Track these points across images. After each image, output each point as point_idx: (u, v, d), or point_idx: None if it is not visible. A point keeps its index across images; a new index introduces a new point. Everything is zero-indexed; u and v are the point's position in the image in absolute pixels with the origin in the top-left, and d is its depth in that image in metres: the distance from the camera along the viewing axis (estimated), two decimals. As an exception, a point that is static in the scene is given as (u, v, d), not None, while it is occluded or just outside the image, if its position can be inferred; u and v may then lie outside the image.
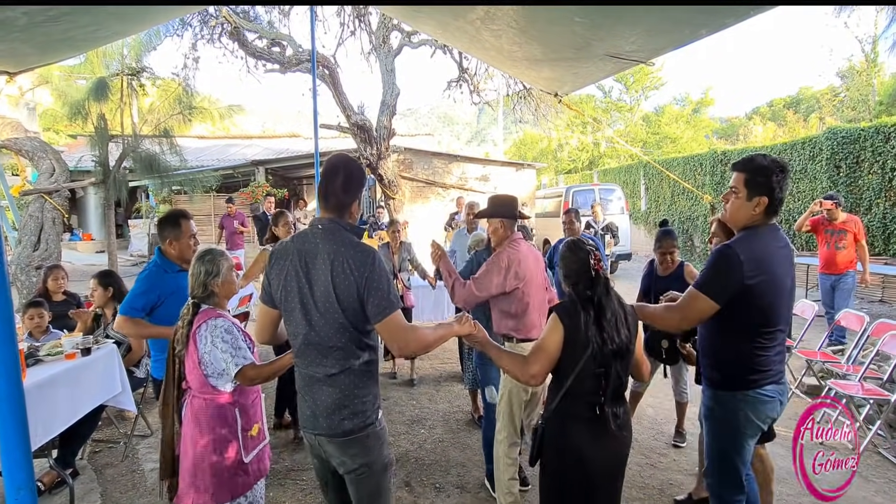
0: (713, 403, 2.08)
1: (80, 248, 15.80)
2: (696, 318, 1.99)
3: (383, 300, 1.68)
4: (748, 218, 1.97)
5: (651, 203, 16.74)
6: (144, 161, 7.47)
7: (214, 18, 8.31)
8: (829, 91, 23.65)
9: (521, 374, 1.85)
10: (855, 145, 9.49)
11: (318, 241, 1.74)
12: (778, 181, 1.92)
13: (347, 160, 1.85)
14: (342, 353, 1.74)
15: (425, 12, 4.38)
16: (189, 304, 2.12)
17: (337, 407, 1.75)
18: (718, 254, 1.95)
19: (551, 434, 1.84)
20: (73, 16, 3.22)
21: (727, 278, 1.89)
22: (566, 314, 1.82)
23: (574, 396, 1.80)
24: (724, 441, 2.05)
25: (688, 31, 3.28)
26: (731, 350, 2.01)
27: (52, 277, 4.26)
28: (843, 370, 3.96)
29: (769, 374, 1.97)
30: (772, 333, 1.96)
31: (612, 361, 1.78)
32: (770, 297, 1.91)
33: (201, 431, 2.05)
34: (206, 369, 2.04)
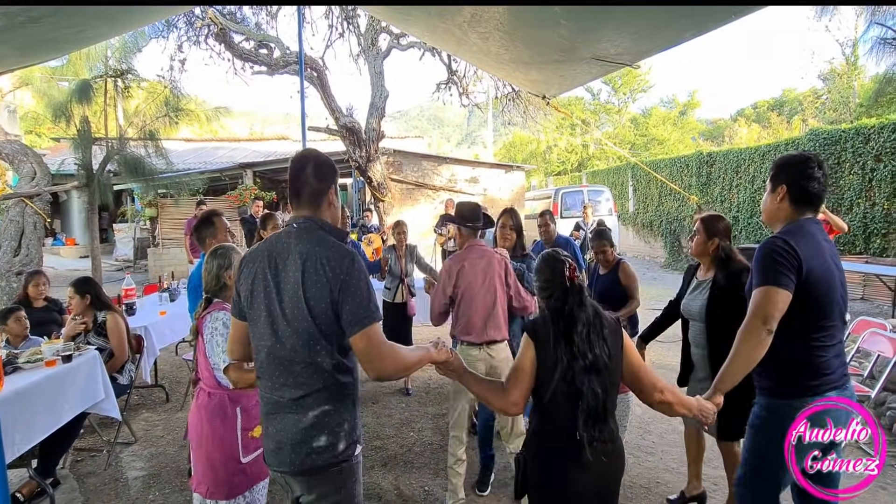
0: (766, 413, 1.88)
1: (63, 252, 15.54)
2: (776, 314, 1.74)
3: (361, 308, 1.46)
4: (775, 209, 1.90)
5: (639, 204, 16.89)
6: (130, 164, 7.36)
7: (200, 20, 8.24)
8: (812, 93, 24.09)
9: (501, 404, 1.68)
10: (836, 146, 9.66)
11: (292, 240, 1.53)
12: (800, 170, 1.85)
13: (314, 151, 1.67)
14: (311, 371, 1.50)
15: (413, 15, 4.38)
16: (203, 300, 2.19)
17: (304, 438, 1.50)
18: (768, 244, 1.81)
19: (531, 465, 1.69)
20: (55, 17, 3.17)
21: (785, 262, 1.74)
22: (534, 330, 1.70)
23: (551, 421, 1.66)
24: (771, 455, 1.83)
25: (671, 34, 3.32)
26: (787, 350, 1.79)
27: (34, 283, 4.17)
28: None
29: (831, 378, 1.78)
30: (829, 329, 1.79)
31: (584, 378, 1.59)
32: (825, 284, 1.76)
33: (202, 424, 2.10)
34: (210, 360, 2.10)
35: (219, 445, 2.06)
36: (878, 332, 3.64)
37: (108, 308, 3.67)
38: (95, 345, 3.52)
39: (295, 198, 1.60)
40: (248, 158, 14.73)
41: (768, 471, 1.86)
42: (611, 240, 3.62)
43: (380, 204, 9.21)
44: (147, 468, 3.51)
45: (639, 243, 17.04)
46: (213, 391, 2.12)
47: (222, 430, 2.07)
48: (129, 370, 3.81)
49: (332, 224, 1.61)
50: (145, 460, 3.63)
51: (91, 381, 3.32)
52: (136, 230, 14.52)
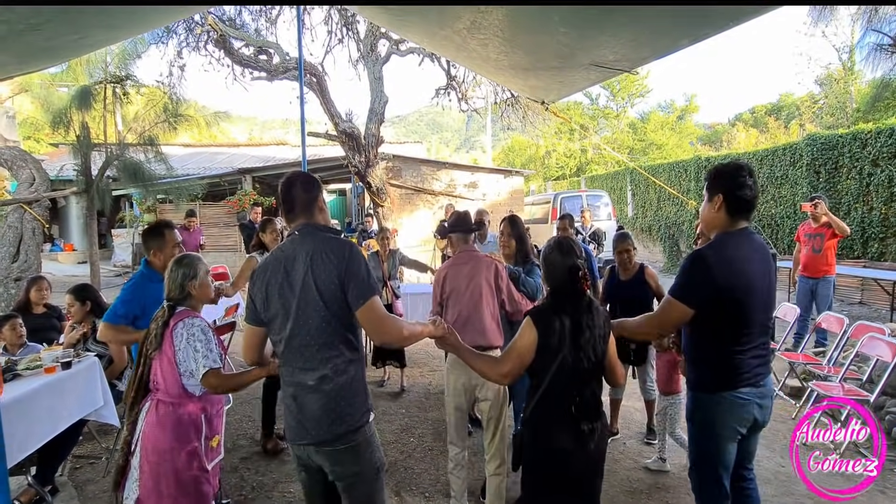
0: (693, 405, 2.12)
1: (61, 258, 15.51)
2: (671, 324, 2.06)
3: (362, 285, 1.70)
4: (712, 219, 2.05)
5: (638, 209, 16.93)
6: (129, 169, 7.37)
7: (200, 26, 8.26)
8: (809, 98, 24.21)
9: (493, 373, 1.88)
10: (833, 151, 9.70)
11: (297, 245, 1.77)
12: (733, 179, 1.97)
13: (299, 172, 1.96)
14: (326, 351, 1.72)
15: (412, 21, 4.40)
16: (164, 306, 2.15)
17: (324, 414, 1.72)
18: (689, 258, 2.00)
19: (529, 439, 1.86)
20: (55, 24, 3.17)
21: (698, 282, 1.94)
22: (541, 318, 1.82)
23: (549, 402, 1.82)
24: (704, 443, 2.08)
25: (668, 41, 3.34)
26: (706, 351, 2.04)
27: (36, 288, 4.16)
28: (825, 372, 4.02)
29: (745, 377, 1.99)
30: (746, 335, 1.97)
31: (586, 379, 1.80)
32: (742, 298, 1.93)
33: (165, 436, 2.04)
34: (179, 366, 2.06)
35: (185, 456, 2.03)
36: (876, 337, 3.64)
37: (106, 314, 3.65)
38: (95, 351, 3.51)
39: (290, 212, 1.84)
40: (247, 164, 14.74)
41: (706, 456, 2.08)
42: (632, 241, 3.65)
43: (379, 209, 9.22)
44: (146, 475, 3.49)
45: (638, 248, 17.05)
46: (176, 400, 2.07)
47: (188, 439, 2.06)
48: (129, 376, 3.79)
49: (325, 225, 1.86)
50: (144, 467, 3.61)
51: (90, 387, 3.31)
52: (134, 235, 14.49)
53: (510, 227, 3.23)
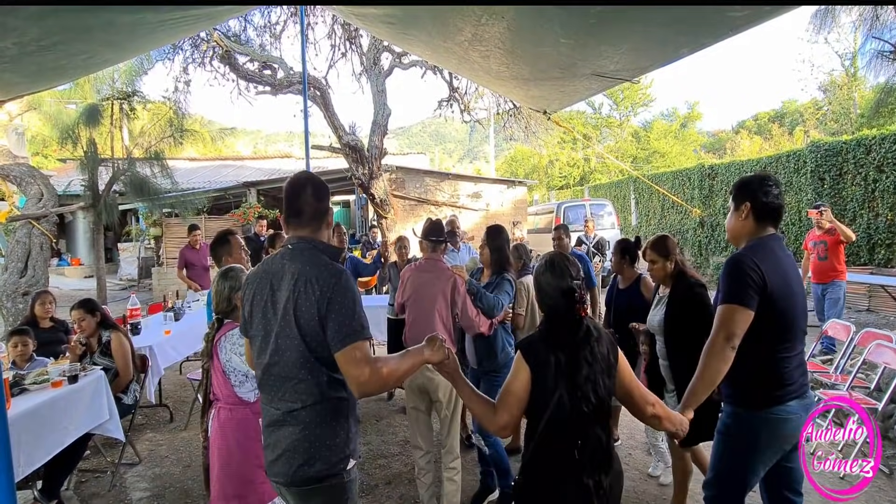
0: (731, 421, 1.97)
1: (68, 273, 15.63)
2: (739, 332, 1.83)
3: (344, 326, 1.47)
4: (741, 227, 2.00)
5: (642, 217, 16.91)
6: (135, 184, 7.45)
7: (205, 42, 8.40)
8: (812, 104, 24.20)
9: (490, 425, 1.60)
10: (837, 158, 9.67)
11: (286, 261, 1.58)
12: (760, 188, 1.95)
13: (310, 173, 1.75)
14: (304, 387, 1.54)
15: (414, 35, 4.45)
16: (214, 321, 2.29)
17: (296, 450, 1.54)
18: (733, 261, 1.89)
19: (527, 489, 1.61)
20: (65, 45, 3.24)
21: (750, 281, 1.82)
22: (531, 351, 1.59)
23: (548, 448, 1.58)
24: (737, 461, 1.93)
25: (669, 50, 3.37)
26: (752, 363, 1.87)
27: (40, 303, 4.20)
28: (832, 380, 3.98)
29: (791, 389, 1.86)
30: (791, 342, 1.89)
31: (587, 422, 1.54)
32: (787, 299, 1.86)
33: (227, 440, 2.19)
34: (231, 377, 2.20)
35: (246, 457, 2.16)
36: (883, 344, 3.60)
37: (112, 328, 3.68)
38: (101, 365, 3.53)
39: (295, 217, 1.63)
40: (251, 177, 14.87)
41: (734, 474, 1.94)
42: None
43: (382, 221, 9.26)
44: (151, 489, 3.49)
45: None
46: (234, 407, 2.21)
47: (248, 442, 2.18)
48: (134, 390, 3.81)
49: (326, 243, 1.65)
50: (149, 481, 3.60)
51: (96, 401, 3.32)
52: (140, 249, 14.61)
53: (487, 238, 3.23)
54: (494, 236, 3.19)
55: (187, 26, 4.00)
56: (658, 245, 2.74)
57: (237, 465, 2.17)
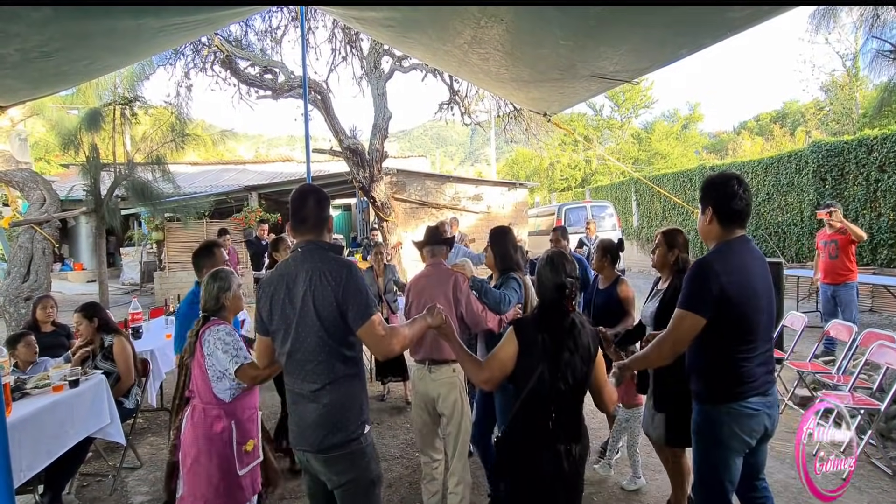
0: (699, 418, 2.07)
1: (70, 277, 15.66)
2: (687, 338, 1.97)
3: (361, 306, 1.76)
4: (707, 230, 2.05)
5: (643, 219, 16.89)
6: (137, 189, 7.47)
7: (207, 47, 8.43)
8: (814, 105, 24.17)
9: (475, 377, 1.91)
10: (839, 158, 9.65)
11: (298, 263, 1.84)
12: (723, 189, 1.97)
13: (314, 186, 2.02)
14: (323, 368, 1.79)
15: (414, 38, 4.46)
16: (200, 318, 2.31)
17: (320, 423, 1.80)
18: (693, 269, 1.99)
19: (507, 446, 1.87)
20: (66, 51, 3.25)
21: (707, 289, 1.90)
22: (522, 329, 1.83)
23: (527, 414, 1.82)
24: (710, 456, 2.02)
25: (668, 51, 3.37)
26: (712, 362, 2.01)
27: (41, 307, 4.21)
28: (834, 381, 3.96)
29: (753, 386, 1.95)
30: (752, 343, 1.96)
31: (563, 397, 1.79)
32: (747, 305, 1.93)
33: (198, 441, 2.18)
34: (209, 371, 2.21)
35: (216, 460, 2.16)
36: (886, 345, 3.58)
37: (114, 332, 3.69)
38: (103, 369, 3.53)
39: (301, 224, 1.89)
40: (253, 181, 14.91)
41: (712, 472, 2.02)
42: None
43: (383, 223, 9.26)
44: (152, 492, 3.49)
45: (643, 258, 16.95)
46: (208, 405, 2.21)
47: (219, 444, 2.18)
48: (135, 394, 3.81)
49: (331, 242, 1.94)
50: (150, 485, 3.60)
51: (97, 405, 3.32)
52: (142, 254, 14.64)
53: (490, 240, 3.21)
54: (497, 239, 3.15)
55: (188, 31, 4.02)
56: (669, 234, 2.83)
57: (207, 468, 2.16)
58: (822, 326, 5.49)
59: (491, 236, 3.20)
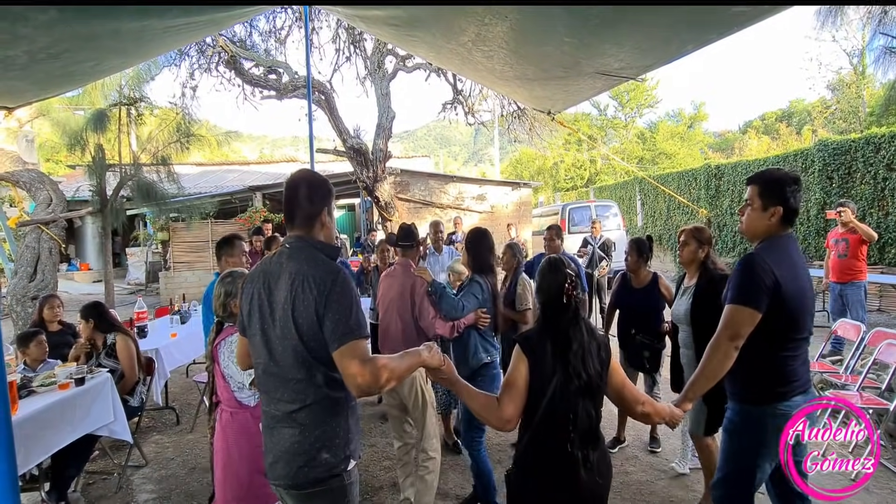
0: (738, 418, 1.99)
1: (77, 277, 15.75)
2: (744, 332, 1.86)
3: (341, 324, 1.45)
4: (765, 228, 1.99)
5: (647, 218, 16.82)
6: (142, 189, 7.51)
7: (211, 48, 8.46)
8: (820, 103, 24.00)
9: (495, 420, 1.62)
10: (846, 156, 9.57)
11: (284, 260, 1.58)
12: (792, 192, 1.95)
13: (308, 173, 1.73)
14: (303, 386, 1.52)
15: (418, 36, 4.45)
16: (215, 324, 2.31)
17: (297, 451, 1.53)
18: (745, 262, 1.91)
19: (520, 480, 1.68)
20: (72, 52, 3.27)
21: (762, 283, 1.83)
22: (529, 344, 1.67)
23: (542, 437, 1.63)
24: (745, 458, 1.94)
25: (673, 47, 3.34)
26: (759, 360, 1.91)
27: (48, 307, 4.23)
28: (842, 380, 3.92)
29: (797, 385, 1.90)
30: (799, 341, 1.91)
31: (578, 399, 1.60)
32: (798, 301, 1.88)
33: (227, 442, 2.20)
34: (229, 382, 2.21)
35: (245, 461, 2.17)
36: (894, 344, 3.55)
37: (117, 330, 3.70)
38: (107, 366, 3.54)
39: (289, 217, 1.64)
40: (257, 181, 14.93)
41: (742, 472, 1.95)
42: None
43: (387, 223, 9.26)
44: (157, 490, 3.50)
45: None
46: (235, 410, 2.22)
47: (248, 446, 2.18)
48: (140, 392, 3.82)
49: (324, 241, 1.64)
50: (156, 483, 3.61)
51: (102, 403, 3.33)
52: (148, 254, 14.71)
53: (466, 241, 3.21)
54: (474, 241, 3.12)
55: (192, 32, 4.04)
56: (698, 231, 2.88)
57: (236, 468, 2.18)
58: (830, 326, 5.45)
59: (468, 238, 3.19)
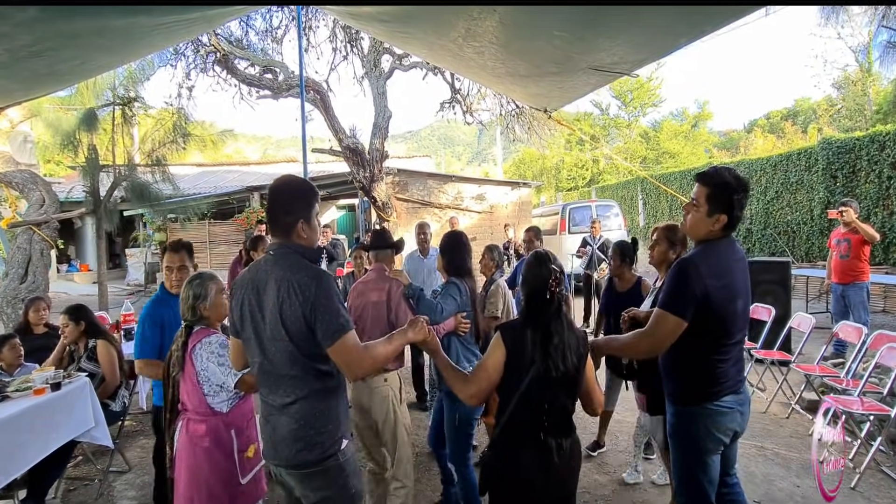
0: (675, 419, 2.05)
1: (77, 278, 15.75)
2: (667, 338, 1.91)
3: (332, 323, 1.61)
4: (706, 232, 1.97)
5: (649, 218, 16.68)
6: (136, 190, 7.45)
7: (204, 47, 8.40)
8: (826, 102, 23.78)
9: (460, 393, 1.76)
10: (850, 155, 9.43)
11: (269, 267, 1.70)
12: (738, 199, 1.91)
13: (289, 179, 1.82)
14: (295, 382, 1.68)
15: (410, 33, 4.38)
16: (182, 328, 2.17)
17: (294, 438, 1.69)
18: (677, 269, 1.92)
19: (496, 462, 1.76)
20: (56, 50, 3.19)
21: (689, 291, 1.86)
22: (510, 333, 1.74)
23: (517, 422, 1.72)
24: (688, 457, 2.01)
25: (666, 41, 3.25)
26: (689, 363, 1.98)
27: (34, 309, 4.17)
28: (843, 385, 3.78)
29: (727, 385, 1.95)
30: (728, 345, 1.95)
31: (556, 390, 1.70)
32: (729, 307, 1.90)
33: (196, 454, 2.07)
34: (203, 387, 2.09)
35: (217, 471, 2.06)
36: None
37: (100, 334, 3.63)
38: (87, 370, 3.47)
39: (272, 224, 1.76)
40: (257, 182, 14.89)
41: (691, 473, 2.00)
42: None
43: (385, 223, 9.18)
44: (139, 497, 3.42)
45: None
46: (206, 418, 2.10)
47: (219, 455, 2.08)
48: (123, 397, 3.75)
49: (305, 246, 1.74)
50: (138, 489, 3.53)
51: (81, 408, 3.24)
52: (147, 255, 14.69)
53: (441, 244, 3.11)
54: (448, 245, 3.02)
55: (183, 30, 3.95)
56: (669, 230, 2.76)
57: (207, 482, 2.05)
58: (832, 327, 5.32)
59: (442, 241, 3.09)
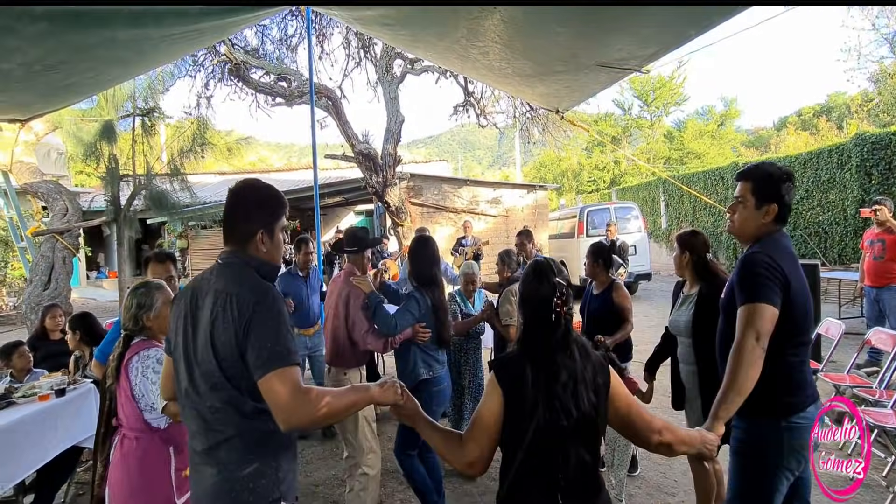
0: (747, 436, 1.78)
1: (106, 285, 16.24)
2: (767, 331, 1.66)
3: (265, 350, 1.29)
4: (758, 227, 1.85)
5: (672, 220, 16.24)
6: (154, 198, 7.60)
7: (218, 56, 8.55)
8: (861, 96, 22.81)
9: (458, 463, 1.38)
10: (886, 150, 8.97)
11: (213, 277, 1.44)
12: (787, 188, 1.82)
13: (254, 183, 1.57)
14: (223, 417, 1.36)
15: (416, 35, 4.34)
16: (121, 338, 2.06)
17: (217, 493, 1.36)
18: (750, 260, 1.76)
19: None
20: (68, 64, 3.24)
21: (772, 279, 1.69)
22: (504, 369, 1.39)
23: (526, 485, 1.35)
24: (760, 478, 1.74)
25: (674, 33, 3.12)
26: (767, 368, 1.67)
27: (50, 316, 4.26)
28: (875, 396, 3.52)
29: (809, 394, 1.75)
30: (806, 344, 1.79)
31: (568, 441, 1.32)
32: (804, 297, 1.74)
33: (130, 472, 1.95)
34: (139, 402, 1.98)
35: (152, 491, 1.93)
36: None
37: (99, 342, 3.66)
38: (92, 377, 3.50)
39: (226, 231, 1.50)
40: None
41: (757, 494, 1.75)
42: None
43: (399, 228, 9.14)
44: None
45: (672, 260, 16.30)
46: (141, 434, 1.98)
47: (154, 474, 1.95)
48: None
49: (261, 258, 1.47)
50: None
51: (85, 414, 3.29)
52: (170, 262, 15.02)
53: (408, 248, 3.03)
54: (413, 250, 2.93)
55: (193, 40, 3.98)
56: (682, 237, 2.68)
57: (140, 500, 1.92)
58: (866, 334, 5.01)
59: (409, 248, 3.02)
